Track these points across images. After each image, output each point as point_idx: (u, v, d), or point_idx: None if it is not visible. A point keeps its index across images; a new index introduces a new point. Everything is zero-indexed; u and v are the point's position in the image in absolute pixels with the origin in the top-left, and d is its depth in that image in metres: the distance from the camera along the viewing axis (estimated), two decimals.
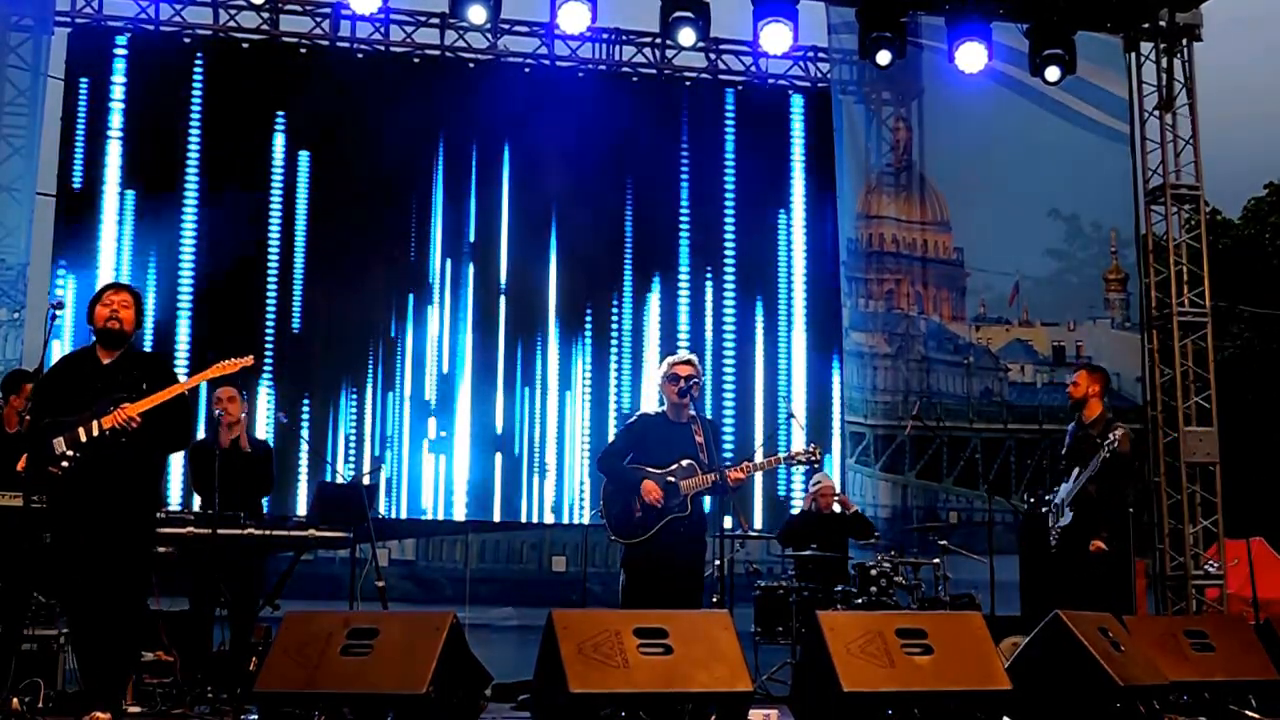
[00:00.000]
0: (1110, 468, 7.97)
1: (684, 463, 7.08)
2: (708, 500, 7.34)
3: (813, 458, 7.26)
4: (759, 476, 11.49)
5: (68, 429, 6.08)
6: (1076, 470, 8.14)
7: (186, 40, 11.43)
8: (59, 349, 10.41)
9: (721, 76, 12.37)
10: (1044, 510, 8.44)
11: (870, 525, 10.40)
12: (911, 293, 12.14)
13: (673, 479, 7.05)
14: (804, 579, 9.51)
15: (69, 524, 6.08)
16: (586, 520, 11.22)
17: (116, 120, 11.14)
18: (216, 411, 7.94)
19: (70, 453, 6.06)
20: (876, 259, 12.17)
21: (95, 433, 6.06)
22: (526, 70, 12.02)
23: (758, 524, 11.33)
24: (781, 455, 7.38)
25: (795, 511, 10.94)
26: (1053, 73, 11.08)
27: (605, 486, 7.27)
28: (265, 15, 11.46)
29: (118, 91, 11.17)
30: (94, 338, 6.37)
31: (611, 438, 7.70)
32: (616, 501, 7.14)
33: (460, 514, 11.40)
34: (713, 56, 12.31)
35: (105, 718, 5.98)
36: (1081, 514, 8.06)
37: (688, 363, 7.24)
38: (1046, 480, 9.13)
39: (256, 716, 6.02)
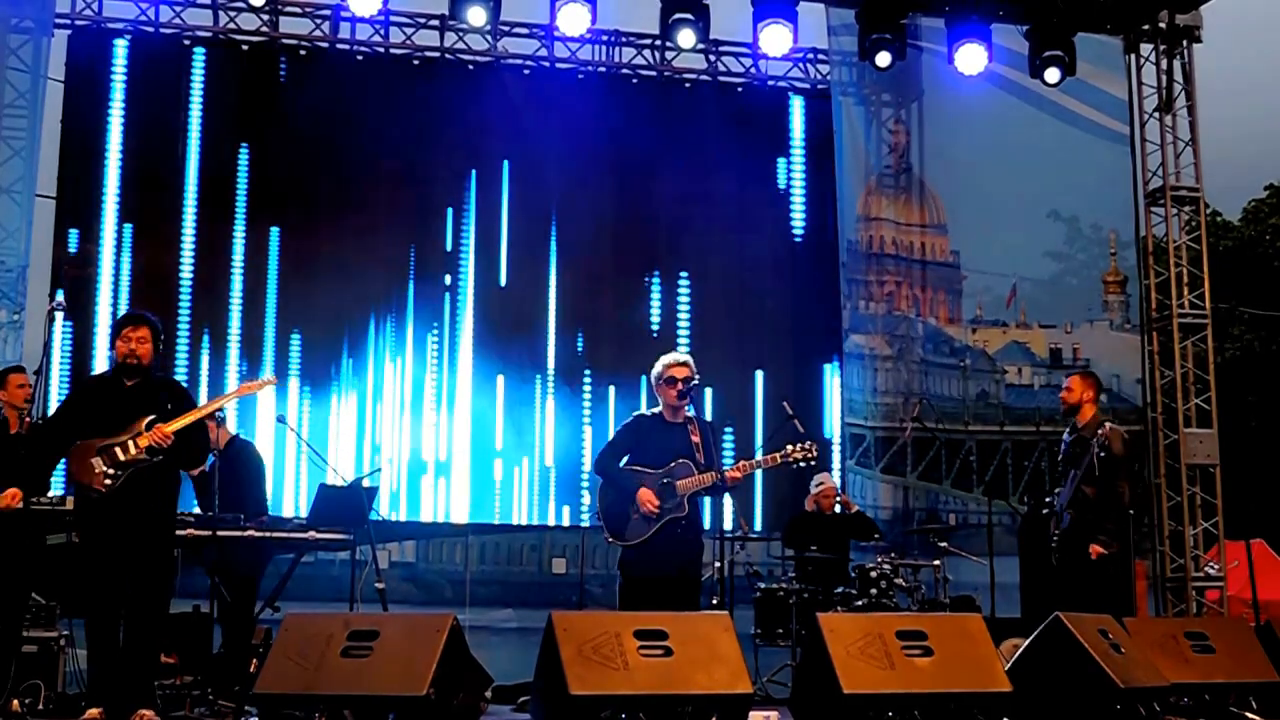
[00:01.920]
0: (1105, 468, 7.95)
1: (680, 463, 7.07)
2: (708, 502, 7.32)
3: (809, 455, 7.23)
4: (760, 479, 11.50)
5: (103, 450, 6.42)
6: (1073, 473, 8.13)
7: (186, 42, 11.43)
8: (59, 351, 10.53)
9: (721, 78, 12.37)
10: (1045, 513, 8.42)
11: (873, 525, 10.40)
12: (910, 295, 12.15)
13: (669, 479, 7.03)
14: (804, 581, 9.52)
15: (107, 537, 6.40)
16: (586, 522, 11.22)
17: (116, 122, 11.15)
18: None
19: (111, 471, 6.40)
20: (876, 261, 12.18)
21: (133, 452, 6.42)
22: (526, 72, 12.02)
23: (758, 525, 11.34)
24: (779, 454, 7.35)
25: (797, 514, 10.91)
26: (1052, 74, 11.07)
27: (602, 488, 7.26)
28: (265, 17, 11.46)
29: (117, 93, 11.18)
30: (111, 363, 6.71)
31: (609, 439, 7.69)
32: (613, 503, 7.12)
33: (460, 516, 11.40)
34: (712, 58, 12.31)
35: (150, 714, 6.33)
36: (1080, 517, 8.05)
37: (684, 364, 7.20)
38: (1045, 483, 9.09)
39: (257, 718, 6.02)
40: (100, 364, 10.65)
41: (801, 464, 7.22)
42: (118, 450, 6.42)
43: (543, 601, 10.87)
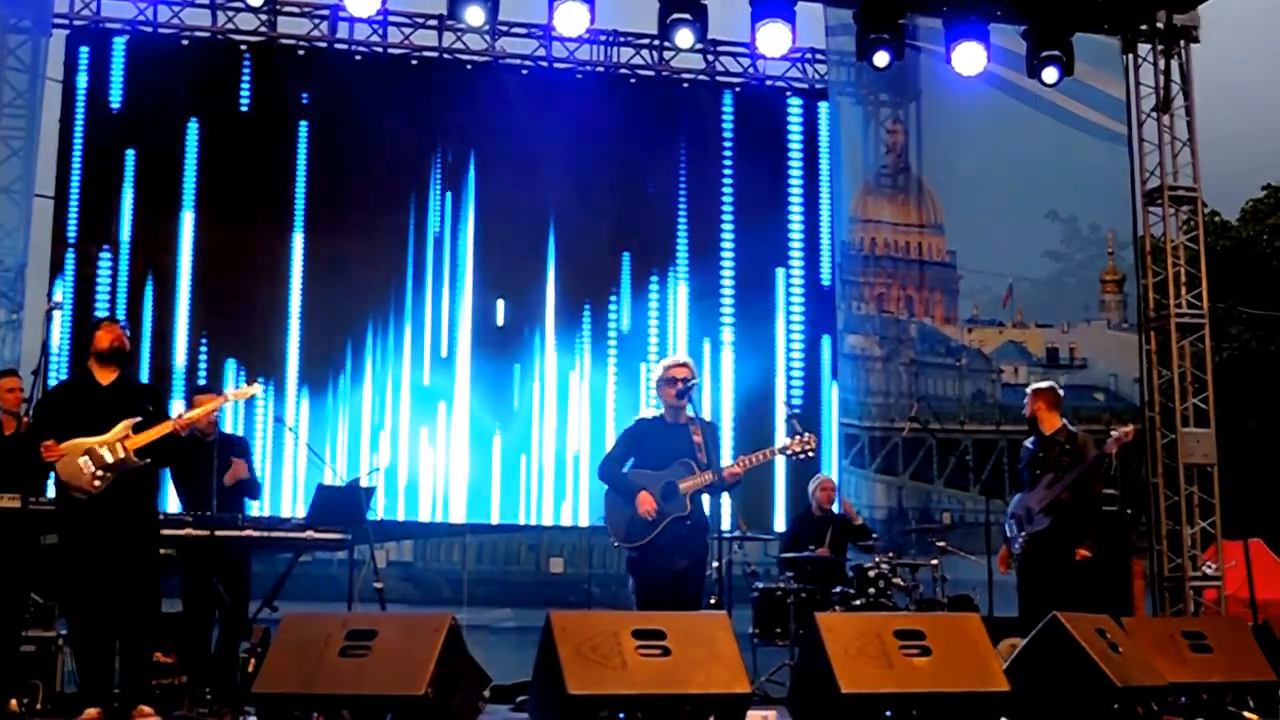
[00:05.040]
0: (1083, 474, 8.17)
1: (682, 463, 7.09)
2: (707, 501, 7.34)
3: (808, 447, 7.25)
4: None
5: (90, 451, 6.46)
6: (1050, 477, 8.25)
7: (185, 42, 11.42)
8: (59, 351, 10.53)
9: (719, 78, 12.37)
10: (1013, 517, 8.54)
11: (868, 530, 10.37)
12: (902, 296, 12.17)
13: (671, 479, 7.06)
14: (802, 580, 9.52)
15: (94, 538, 6.46)
16: (584, 522, 11.22)
17: (114, 122, 11.13)
18: None
19: (100, 473, 6.45)
20: (872, 262, 12.19)
21: (121, 455, 6.48)
22: (524, 72, 12.01)
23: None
24: (776, 448, 7.38)
25: (797, 520, 10.86)
26: (1050, 74, 11.09)
27: (607, 494, 7.30)
28: (263, 17, 11.45)
29: (116, 93, 11.16)
30: (94, 361, 6.73)
31: (610, 444, 7.72)
32: (618, 508, 7.16)
33: (458, 516, 11.40)
34: (710, 58, 12.30)
35: (149, 710, 6.44)
36: (1059, 520, 8.17)
37: (684, 365, 7.25)
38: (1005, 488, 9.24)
39: (255, 718, 6.02)
40: None
41: (800, 456, 7.25)
42: (105, 452, 6.47)
43: (541, 601, 10.86)
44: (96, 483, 6.43)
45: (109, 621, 6.48)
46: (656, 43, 11.95)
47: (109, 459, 6.45)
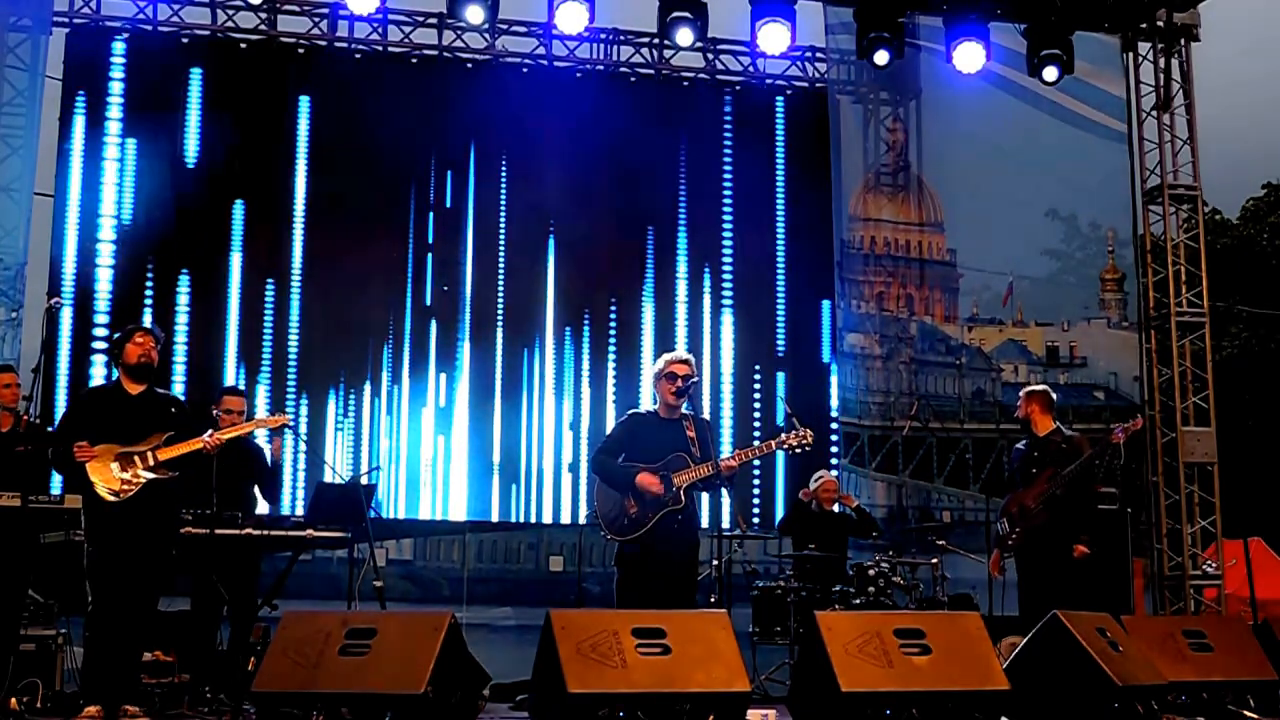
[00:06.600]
0: (1078, 472, 8.19)
1: (677, 456, 7.07)
2: (705, 498, 7.33)
3: (805, 441, 7.23)
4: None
5: (122, 458, 6.62)
6: (1047, 474, 8.27)
7: (184, 41, 11.42)
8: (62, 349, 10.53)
9: (719, 77, 12.38)
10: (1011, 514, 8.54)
11: (873, 522, 10.38)
12: (902, 294, 12.17)
13: (666, 473, 7.04)
14: (802, 579, 9.52)
15: (120, 542, 6.56)
16: (583, 520, 11.22)
17: (114, 121, 11.13)
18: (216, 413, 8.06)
19: (130, 479, 6.60)
20: (872, 261, 12.18)
21: (152, 463, 6.63)
22: (524, 70, 12.02)
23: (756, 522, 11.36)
24: (774, 441, 7.36)
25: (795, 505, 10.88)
26: (1050, 73, 11.09)
27: (599, 486, 7.27)
28: (263, 16, 11.45)
29: (115, 92, 11.15)
30: (117, 371, 6.91)
31: (605, 438, 7.71)
32: (610, 500, 7.13)
33: (458, 514, 11.41)
34: (710, 57, 12.31)
35: (135, 710, 6.50)
36: (1055, 517, 8.17)
37: (685, 362, 7.22)
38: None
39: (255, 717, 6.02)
40: (98, 361, 10.66)
41: (797, 450, 7.23)
42: (136, 460, 6.61)
43: (540, 599, 10.86)
44: (126, 488, 6.55)
45: (127, 622, 6.57)
46: (656, 41, 11.95)
47: (139, 467, 6.59)
